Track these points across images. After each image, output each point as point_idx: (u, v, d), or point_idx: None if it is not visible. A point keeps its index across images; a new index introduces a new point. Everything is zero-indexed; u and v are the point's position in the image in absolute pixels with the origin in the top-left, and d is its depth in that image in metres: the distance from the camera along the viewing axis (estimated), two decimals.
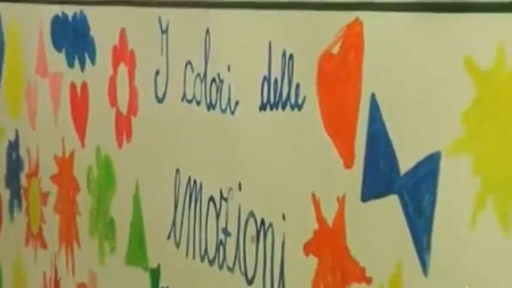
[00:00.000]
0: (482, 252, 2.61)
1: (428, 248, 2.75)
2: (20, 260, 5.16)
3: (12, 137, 5.30)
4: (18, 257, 5.20)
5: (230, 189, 3.63)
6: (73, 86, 4.67)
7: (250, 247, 3.52)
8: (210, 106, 3.73)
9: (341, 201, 3.07)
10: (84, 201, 4.59)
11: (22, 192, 5.20)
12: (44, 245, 4.92)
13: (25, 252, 5.14)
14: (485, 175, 2.60)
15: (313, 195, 3.18)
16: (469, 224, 2.63)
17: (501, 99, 2.57)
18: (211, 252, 3.72)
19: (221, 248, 3.67)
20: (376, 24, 2.97)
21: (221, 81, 3.69)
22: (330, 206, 3.12)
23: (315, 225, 3.18)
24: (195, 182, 3.82)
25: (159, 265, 4.02)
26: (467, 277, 2.65)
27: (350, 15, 3.03)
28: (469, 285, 2.64)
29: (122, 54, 4.29)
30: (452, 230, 2.70)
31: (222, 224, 3.66)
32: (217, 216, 3.68)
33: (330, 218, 3.12)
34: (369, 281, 2.97)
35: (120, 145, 4.31)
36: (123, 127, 4.29)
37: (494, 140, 2.58)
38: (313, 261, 3.21)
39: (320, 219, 3.16)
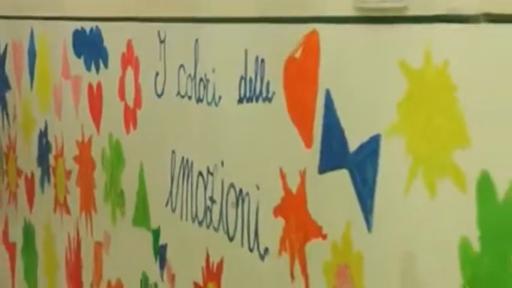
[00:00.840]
0: (414, 212, 2.63)
1: (372, 210, 2.78)
2: (49, 223, 5.15)
3: (42, 127, 5.29)
4: (48, 221, 5.19)
5: (215, 165, 3.64)
6: (90, 85, 4.67)
7: (231, 211, 3.52)
8: (199, 100, 3.73)
9: (302, 174, 3.10)
10: (99, 176, 4.60)
11: (51, 170, 5.19)
12: (68, 212, 4.91)
13: (53, 217, 5.12)
14: (415, 152, 2.63)
15: (281, 170, 3.21)
16: (403, 190, 2.66)
17: (428, 92, 2.60)
18: (200, 216, 3.72)
19: (208, 212, 3.69)
20: (329, 34, 3.00)
21: (207, 80, 3.69)
22: (293, 178, 3.14)
23: (282, 194, 3.20)
24: (187, 160, 3.82)
25: (159, 226, 4.02)
26: (402, 232, 2.67)
27: (308, 27, 3.06)
28: (402, 238, 2.68)
29: (129, 60, 4.29)
30: (390, 195, 2.73)
31: (208, 193, 3.67)
32: (205, 187, 3.69)
33: (294, 187, 3.15)
34: (324, 237, 2.99)
35: (127, 132, 4.30)
36: (130, 117, 4.29)
37: (422, 125, 2.61)
38: (280, 222, 3.23)
39: (286, 188, 3.18)
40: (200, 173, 3.75)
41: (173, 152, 3.92)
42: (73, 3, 4.92)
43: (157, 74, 4.03)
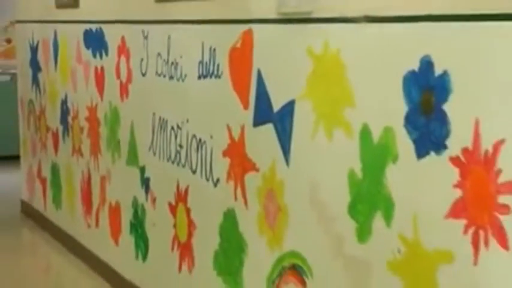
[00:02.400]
0: (317, 152, 2.64)
1: (289, 151, 2.78)
2: (69, 164, 5.12)
3: (63, 97, 5.25)
4: (68, 163, 5.16)
5: (182, 122, 3.61)
6: (96, 68, 4.64)
7: (194, 153, 3.52)
8: (171, 77, 3.71)
9: (242, 127, 3.09)
10: (103, 131, 4.57)
11: (69, 127, 5.17)
12: (82, 155, 4.88)
13: (71, 160, 5.09)
14: (318, 111, 2.62)
15: (227, 125, 3.19)
16: (310, 137, 2.65)
17: (326, 70, 2.59)
18: (172, 157, 3.70)
19: (178, 154, 3.67)
20: (259, 31, 2.98)
21: (177, 63, 3.66)
22: (236, 130, 3.14)
23: (228, 141, 3.20)
24: (163, 119, 3.79)
25: (144, 165, 4.01)
26: (310, 166, 2.68)
27: (246, 26, 3.05)
28: (310, 170, 2.69)
29: (122, 50, 4.26)
30: (301, 140, 2.72)
31: (178, 141, 3.64)
32: (176, 137, 3.66)
33: (236, 136, 3.14)
34: (257, 170, 2.98)
35: (122, 100, 4.28)
36: (124, 90, 4.26)
37: (322, 92, 2.61)
38: (227, 160, 3.22)
39: (231, 137, 3.18)
40: (172, 128, 3.72)
41: (153, 113, 3.90)
42: (83, 12, 4.89)
43: (142, 59, 4.01)
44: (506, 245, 1.90)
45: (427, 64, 2.13)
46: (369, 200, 2.38)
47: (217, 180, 3.32)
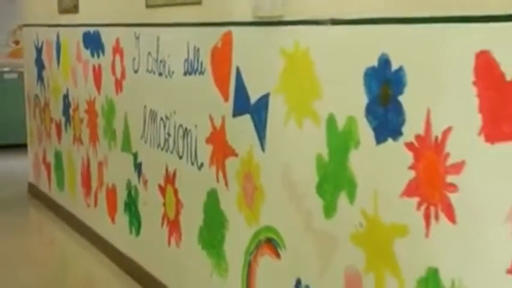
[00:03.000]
0: (289, 139, 2.63)
1: (264, 138, 2.77)
2: (71, 151, 5.09)
3: (65, 92, 5.21)
4: (70, 150, 5.12)
5: (170, 113, 3.59)
6: (94, 66, 4.61)
7: (181, 141, 3.51)
8: (160, 74, 3.69)
9: (223, 118, 3.08)
10: (100, 121, 4.54)
11: (70, 118, 5.13)
12: (82, 143, 4.85)
13: (73, 147, 5.06)
14: (289, 103, 2.61)
15: (210, 115, 3.18)
16: (282, 126, 2.64)
17: (296, 66, 2.57)
18: (162, 144, 3.67)
19: (166, 142, 3.65)
20: (238, 32, 2.97)
21: (165, 61, 3.64)
22: (217, 120, 3.12)
23: (211, 130, 3.18)
24: (153, 111, 3.78)
25: (137, 151, 3.99)
26: (282, 151, 2.68)
27: (226, 28, 3.03)
28: (282, 154, 2.68)
29: (117, 50, 4.23)
30: (275, 129, 2.71)
31: (166, 130, 3.62)
32: (164, 126, 3.64)
33: (218, 125, 3.12)
34: (237, 155, 2.97)
35: (117, 94, 4.25)
36: (118, 85, 4.24)
37: (294, 86, 2.60)
38: (210, 147, 3.20)
39: (213, 126, 3.16)
40: (161, 118, 3.70)
41: (145, 106, 3.88)
42: (82, 16, 4.85)
43: (134, 58, 3.98)
44: (453, 219, 1.91)
45: (384, 61, 2.13)
46: (334, 180, 2.38)
47: (201, 164, 3.30)
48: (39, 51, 6.02)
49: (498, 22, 1.77)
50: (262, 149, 2.80)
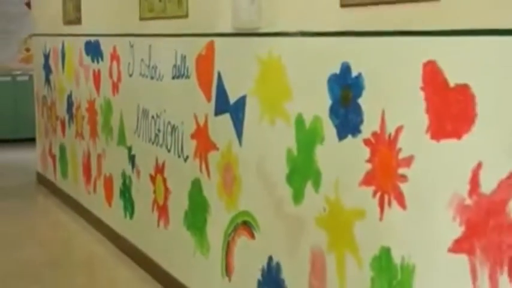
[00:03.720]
0: (263, 135, 2.61)
1: (242, 134, 2.76)
2: (73, 144, 5.05)
3: (69, 92, 5.17)
4: (73, 144, 5.09)
5: (160, 112, 3.57)
6: (94, 70, 4.57)
7: (169, 136, 3.48)
8: (152, 78, 3.66)
9: (206, 116, 3.05)
10: (99, 119, 4.51)
11: (73, 116, 5.09)
12: (83, 138, 4.82)
13: (75, 141, 5.02)
14: (263, 104, 2.59)
15: (194, 114, 3.15)
16: (257, 124, 2.62)
17: (270, 72, 2.55)
18: (153, 139, 3.64)
19: (156, 137, 3.61)
20: (219, 42, 2.94)
21: (156, 67, 3.61)
22: (201, 118, 3.09)
23: (195, 127, 3.15)
24: (145, 110, 3.76)
25: (131, 145, 3.96)
26: (257, 145, 2.66)
27: (209, 38, 3.01)
28: (257, 148, 2.67)
29: (114, 57, 4.20)
30: (250, 126, 2.69)
31: (157, 127, 3.59)
32: (155, 123, 3.61)
33: (201, 123, 3.09)
34: (218, 149, 2.95)
35: (114, 95, 4.22)
36: (115, 87, 4.21)
37: (267, 89, 2.58)
38: (194, 142, 3.18)
39: (197, 124, 3.13)
40: (152, 116, 3.67)
41: (138, 105, 3.85)
42: (84, 27, 4.81)
43: (129, 64, 3.95)
44: (404, 205, 1.91)
45: (345, 68, 2.12)
46: (302, 171, 2.38)
47: (187, 156, 3.28)
48: (46, 57, 5.97)
49: (443, 36, 1.78)
50: (240, 143, 2.79)
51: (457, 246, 1.73)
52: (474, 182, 1.68)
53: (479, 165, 1.67)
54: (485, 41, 1.64)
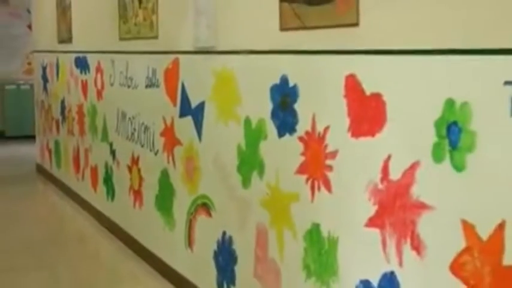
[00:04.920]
0: (219, 134, 2.54)
1: (201, 132, 2.68)
2: (66, 140, 4.93)
3: (62, 98, 5.04)
4: (65, 140, 4.96)
5: (136, 114, 3.48)
6: (82, 80, 4.45)
7: (143, 134, 3.40)
8: (128, 86, 3.57)
9: (172, 118, 2.97)
10: (87, 120, 4.41)
11: (65, 117, 4.97)
12: (73, 135, 4.70)
13: (67, 138, 4.90)
14: (218, 108, 2.52)
15: (163, 116, 3.07)
16: (214, 124, 2.56)
17: (223, 82, 2.49)
18: (129, 136, 3.55)
19: (132, 135, 3.50)
20: (183, 59, 2.86)
21: (132, 78, 3.53)
22: (168, 119, 3.02)
23: (163, 126, 3.07)
24: (124, 112, 3.67)
25: (112, 141, 3.86)
26: (213, 142, 2.59)
27: (175, 56, 2.92)
28: (214, 145, 2.63)
29: (98, 70, 4.10)
30: (209, 126, 2.62)
31: (133, 127, 3.50)
32: (131, 124, 3.53)
33: (168, 123, 3.01)
34: (181, 144, 2.86)
35: (98, 100, 4.13)
36: (99, 94, 4.11)
37: (221, 96, 2.51)
38: (163, 139, 3.08)
39: (165, 124, 3.04)
40: (129, 118, 3.58)
41: (118, 109, 3.75)
42: (74, 45, 4.68)
43: (110, 75, 3.85)
44: (330, 189, 1.89)
45: (284, 80, 2.09)
46: (249, 163, 2.34)
47: (157, 151, 3.21)
48: (44, 70, 5.82)
49: (361, 54, 1.76)
50: (200, 140, 2.73)
51: (371, 222, 1.72)
52: (385, 171, 1.67)
53: (389, 158, 1.66)
54: (395, 59, 1.64)
